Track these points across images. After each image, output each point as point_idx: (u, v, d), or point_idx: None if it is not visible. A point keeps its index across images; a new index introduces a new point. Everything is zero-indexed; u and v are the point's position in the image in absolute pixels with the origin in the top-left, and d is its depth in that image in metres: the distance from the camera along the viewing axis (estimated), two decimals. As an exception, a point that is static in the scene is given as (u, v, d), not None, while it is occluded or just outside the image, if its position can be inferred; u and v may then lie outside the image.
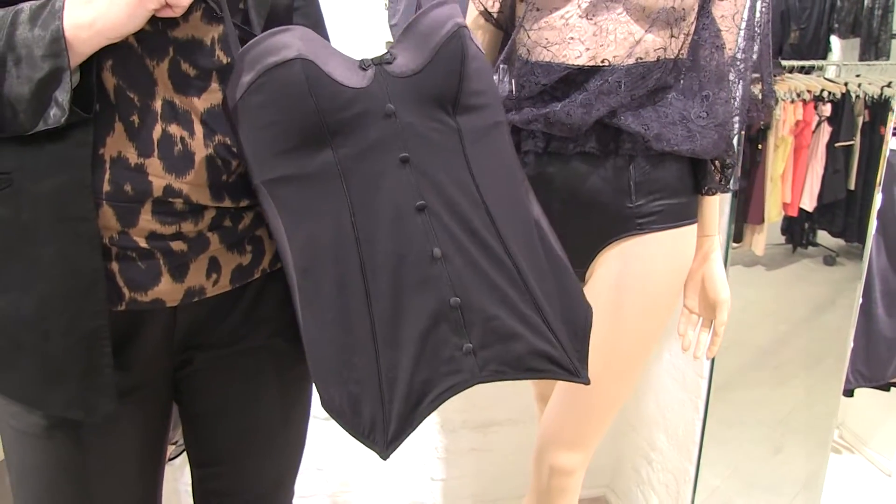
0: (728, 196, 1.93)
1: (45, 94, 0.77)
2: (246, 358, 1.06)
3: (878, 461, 2.84)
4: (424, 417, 0.87)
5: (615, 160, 1.24)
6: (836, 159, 3.01)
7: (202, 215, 0.92)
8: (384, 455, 0.85)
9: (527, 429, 2.41)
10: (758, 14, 1.26)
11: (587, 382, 0.93)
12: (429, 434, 2.45)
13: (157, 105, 0.87)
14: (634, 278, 1.29)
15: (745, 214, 3.12)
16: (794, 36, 3.38)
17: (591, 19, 1.19)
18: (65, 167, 0.82)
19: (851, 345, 2.35)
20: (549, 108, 1.22)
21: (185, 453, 1.32)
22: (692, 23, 1.23)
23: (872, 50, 3.06)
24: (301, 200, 0.85)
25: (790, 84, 2.97)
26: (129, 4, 0.77)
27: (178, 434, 1.59)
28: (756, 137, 3.03)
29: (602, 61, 1.21)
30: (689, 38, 1.24)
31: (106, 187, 0.85)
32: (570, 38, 1.20)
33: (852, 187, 2.70)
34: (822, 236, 3.18)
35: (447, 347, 0.86)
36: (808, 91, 2.92)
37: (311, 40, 0.86)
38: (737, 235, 3.17)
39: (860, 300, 2.38)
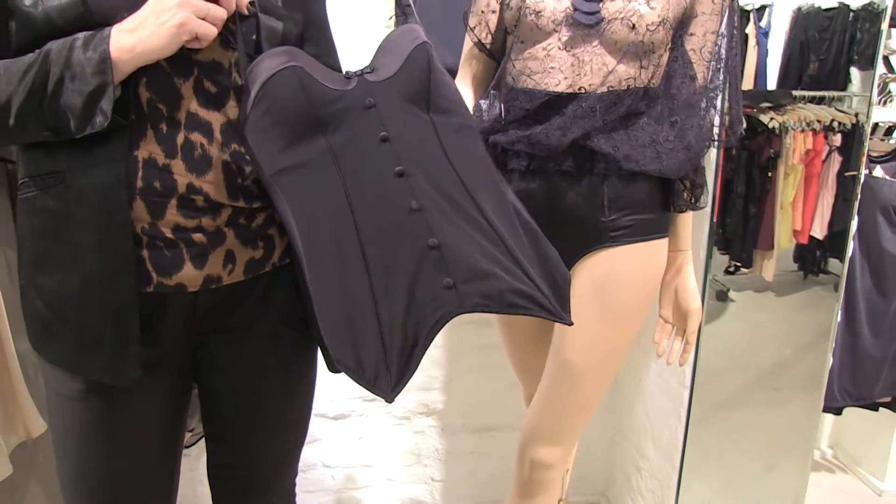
0: (706, 214, 2.03)
1: (93, 104, 0.93)
2: (256, 341, 1.20)
3: (871, 481, 2.89)
4: (421, 357, 0.97)
5: (590, 178, 1.37)
6: (846, 188, 3.05)
7: (220, 212, 1.07)
8: (389, 398, 0.95)
9: (525, 435, 2.50)
10: (723, 50, 1.39)
11: (570, 323, 1.03)
12: (430, 436, 2.56)
13: (182, 116, 1.02)
14: (607, 286, 1.40)
15: (756, 240, 3.19)
16: (813, 67, 3.40)
17: (569, 51, 1.33)
18: (105, 166, 0.98)
19: (830, 360, 2.42)
20: (531, 130, 1.35)
21: (200, 442, 1.46)
22: (663, 55, 1.36)
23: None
24: (302, 185, 0.99)
25: (801, 114, 3.03)
26: (165, 36, 0.93)
27: (195, 422, 1.74)
28: (766, 165, 3.10)
29: (579, 89, 1.34)
30: (661, 69, 1.37)
31: (139, 184, 1.00)
32: (550, 67, 1.34)
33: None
34: (834, 264, 3.24)
35: (432, 287, 0.96)
36: (819, 121, 3.01)
37: (301, 55, 1.01)
38: (747, 261, 3.22)
39: (839, 317, 2.45)
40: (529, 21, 1.32)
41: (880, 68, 2.46)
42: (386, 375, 0.95)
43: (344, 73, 1.02)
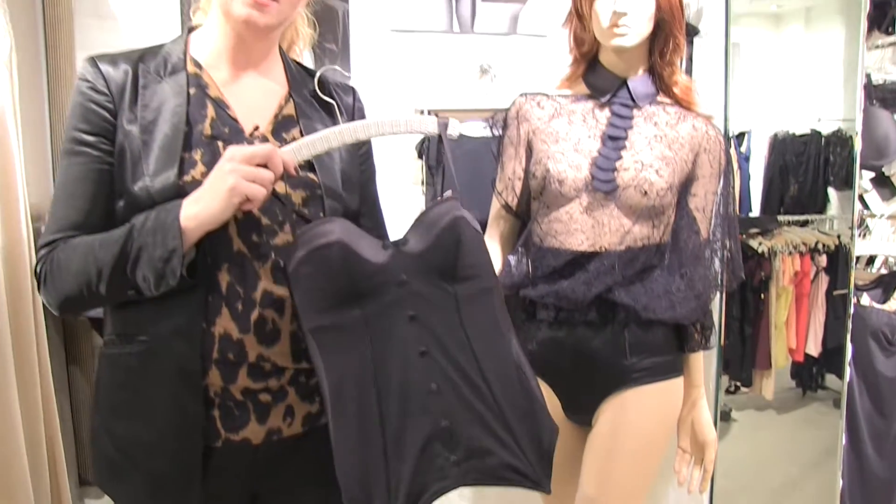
0: (715, 351, 2.16)
1: (168, 266, 1.03)
2: (308, 489, 1.28)
3: None
4: None
5: (612, 326, 1.49)
6: (836, 306, 3.15)
7: (284, 374, 1.16)
8: None
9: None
10: (723, 207, 1.56)
11: (548, 492, 1.13)
12: None
13: (258, 295, 1.12)
14: (632, 424, 1.50)
15: (754, 360, 3.28)
16: (793, 189, 3.55)
17: (590, 215, 1.48)
18: (184, 339, 1.08)
19: (841, 482, 2.49)
20: (557, 285, 1.49)
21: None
22: (671, 214, 1.53)
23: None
24: (336, 345, 1.08)
25: (787, 237, 3.19)
26: (220, 201, 1.03)
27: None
28: (759, 288, 3.24)
29: (600, 248, 1.48)
30: (670, 226, 1.54)
31: (215, 355, 1.10)
32: (574, 228, 1.49)
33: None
34: (831, 380, 3.32)
35: (439, 459, 1.08)
36: (804, 244, 3.15)
37: (348, 227, 1.11)
38: (746, 381, 3.31)
39: (844, 443, 2.54)
40: (554, 189, 1.48)
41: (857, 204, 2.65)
42: None
43: (382, 242, 1.12)
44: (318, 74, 1.23)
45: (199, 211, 1.03)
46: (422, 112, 2.30)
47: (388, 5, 2.47)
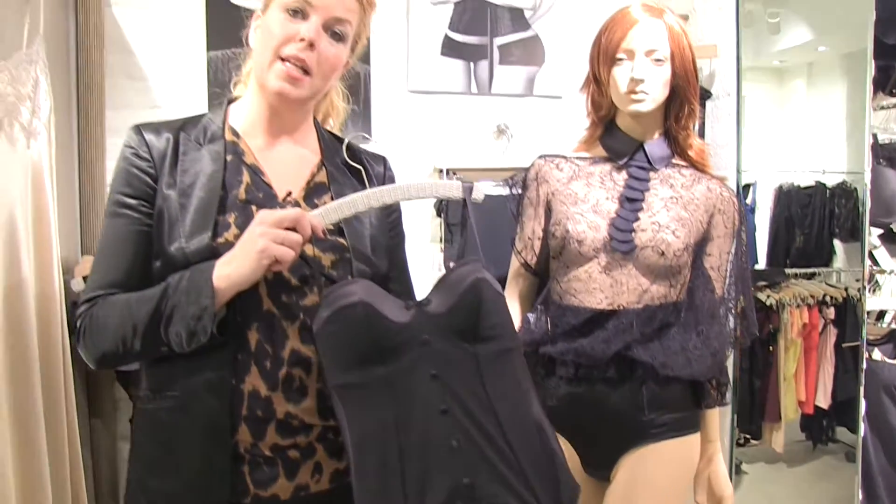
0: (729, 406, 2.18)
1: (199, 324, 1.06)
2: None
3: None
4: None
5: (631, 383, 1.52)
6: (846, 359, 3.16)
7: (312, 431, 1.18)
8: None
9: None
10: (737, 265, 1.60)
11: None
12: None
13: (286, 353, 1.15)
14: (649, 479, 1.52)
15: (763, 412, 3.27)
16: (799, 240, 3.57)
17: (608, 274, 1.52)
18: (214, 396, 1.11)
19: None
20: (577, 342, 1.51)
21: None
22: (687, 273, 1.57)
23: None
24: (359, 402, 1.10)
25: (795, 290, 3.21)
26: (251, 262, 1.07)
27: None
28: (767, 340, 3.24)
29: (618, 306, 1.51)
30: (686, 285, 1.58)
31: (244, 412, 1.12)
32: (593, 287, 1.52)
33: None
34: (841, 432, 3.32)
35: None
36: (812, 296, 3.19)
37: (370, 288, 1.14)
38: (756, 433, 3.30)
39: (860, 499, 2.54)
40: (573, 248, 1.52)
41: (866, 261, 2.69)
42: None
43: (406, 303, 1.15)
44: (346, 141, 1.28)
45: (230, 272, 1.07)
46: (441, 171, 2.37)
47: (409, 67, 2.57)
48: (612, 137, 1.59)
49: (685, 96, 1.54)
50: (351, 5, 1.17)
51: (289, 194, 1.19)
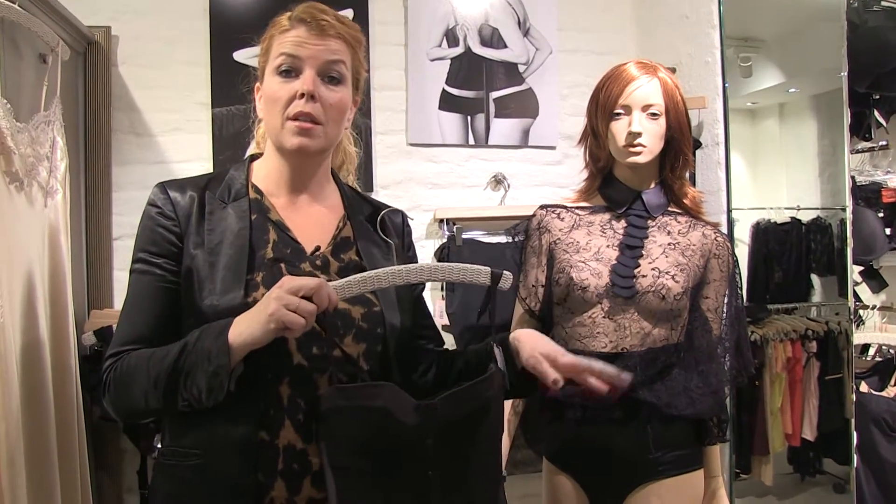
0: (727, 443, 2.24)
1: (216, 381, 1.07)
2: None
3: None
4: None
5: (636, 423, 1.58)
6: (830, 391, 3.20)
7: None
8: None
9: None
10: (733, 307, 1.68)
11: None
12: None
13: None
14: (656, 516, 1.60)
15: (751, 446, 3.32)
16: (778, 276, 3.65)
17: (612, 319, 1.58)
18: (240, 454, 1.12)
19: None
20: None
21: None
22: (686, 316, 1.64)
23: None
24: (355, 485, 1.13)
25: (778, 325, 3.29)
26: (260, 325, 1.07)
27: None
28: (753, 375, 3.29)
29: (622, 349, 1.57)
30: (685, 327, 1.65)
31: (280, 466, 1.14)
32: (597, 332, 1.59)
33: (848, 416, 2.91)
34: (828, 464, 3.36)
35: None
36: (794, 331, 3.24)
37: (396, 394, 1.16)
38: (745, 467, 3.35)
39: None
40: (577, 295, 1.59)
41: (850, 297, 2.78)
42: None
43: (415, 405, 1.17)
44: (380, 216, 1.33)
45: (242, 331, 1.08)
46: (440, 221, 2.44)
47: (408, 121, 2.64)
48: (611, 188, 1.67)
49: (679, 147, 1.62)
50: (336, 47, 1.20)
51: (317, 248, 1.22)
